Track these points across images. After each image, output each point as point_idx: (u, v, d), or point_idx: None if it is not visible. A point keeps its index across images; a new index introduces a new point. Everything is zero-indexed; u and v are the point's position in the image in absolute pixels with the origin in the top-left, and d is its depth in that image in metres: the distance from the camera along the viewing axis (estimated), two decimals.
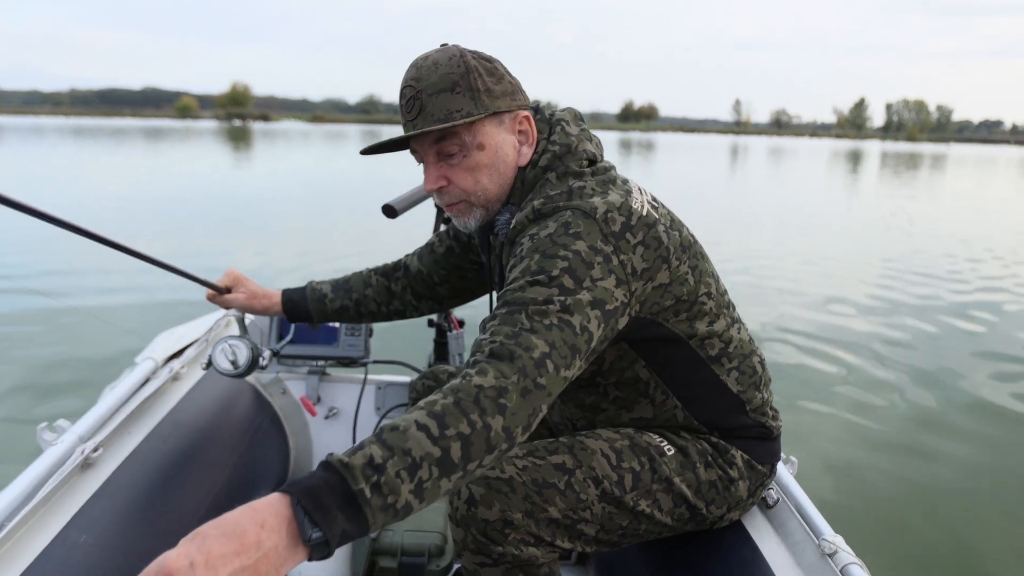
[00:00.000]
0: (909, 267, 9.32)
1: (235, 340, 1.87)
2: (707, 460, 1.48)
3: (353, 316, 1.88)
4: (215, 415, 2.04)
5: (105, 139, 45.84)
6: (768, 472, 1.57)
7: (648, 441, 1.46)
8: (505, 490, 1.32)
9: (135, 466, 1.65)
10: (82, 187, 16.52)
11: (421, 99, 1.34)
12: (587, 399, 1.51)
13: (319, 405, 2.37)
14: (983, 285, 8.35)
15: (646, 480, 1.41)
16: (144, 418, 1.84)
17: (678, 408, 1.48)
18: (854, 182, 26.88)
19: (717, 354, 1.47)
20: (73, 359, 4.93)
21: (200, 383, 2.10)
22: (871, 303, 7.35)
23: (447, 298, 1.86)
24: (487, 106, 1.35)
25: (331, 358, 2.33)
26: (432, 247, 1.83)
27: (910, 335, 6.20)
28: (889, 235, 12.31)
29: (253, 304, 1.87)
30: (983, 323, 6.69)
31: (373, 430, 2.32)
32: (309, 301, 1.86)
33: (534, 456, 1.38)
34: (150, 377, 2.00)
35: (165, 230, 10.51)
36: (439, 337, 2.47)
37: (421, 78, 1.35)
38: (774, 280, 8.16)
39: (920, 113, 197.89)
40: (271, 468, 2.22)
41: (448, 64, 1.34)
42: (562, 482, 1.35)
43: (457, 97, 1.33)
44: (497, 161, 1.39)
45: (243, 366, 1.86)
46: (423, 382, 1.94)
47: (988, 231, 13.30)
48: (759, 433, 1.54)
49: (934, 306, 7.27)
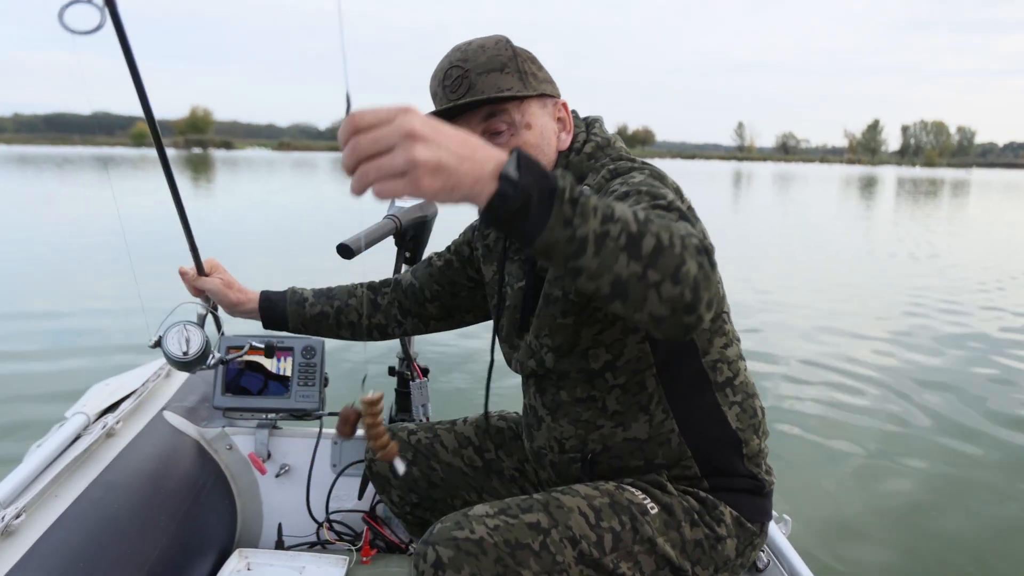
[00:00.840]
0: (923, 306, 9.39)
1: (192, 326, 1.89)
2: (693, 518, 1.50)
3: (331, 325, 1.93)
4: (153, 475, 2.03)
5: (52, 169, 45.82)
6: (758, 531, 1.59)
7: (630, 499, 1.48)
8: (475, 552, 1.34)
9: (62, 533, 1.64)
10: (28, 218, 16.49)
11: (470, 78, 1.48)
12: (584, 414, 1.56)
13: (269, 462, 2.37)
14: (1008, 325, 8.42)
15: (627, 541, 1.43)
16: (73, 479, 1.83)
17: (674, 432, 1.53)
18: (868, 211, 27.14)
19: (723, 382, 1.55)
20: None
21: (137, 440, 2.09)
22: (883, 346, 7.40)
23: (434, 318, 1.93)
24: (535, 88, 1.51)
25: (282, 411, 2.34)
26: (430, 261, 1.93)
27: (924, 382, 6.24)
28: (906, 269, 12.43)
29: (227, 294, 1.90)
30: (1009, 369, 6.71)
31: (328, 488, 2.33)
32: (288, 303, 1.92)
33: (506, 515, 1.40)
34: (81, 433, 2.00)
35: (108, 268, 10.47)
36: (401, 387, 2.48)
37: (469, 59, 1.49)
38: (774, 317, 8.21)
39: (940, 136, 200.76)
40: (216, 533, 2.21)
41: (495, 47, 1.50)
42: (537, 543, 1.37)
43: (506, 77, 1.49)
44: (543, 143, 1.53)
45: (192, 355, 1.88)
46: None
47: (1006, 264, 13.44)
48: (750, 486, 1.57)
49: (953, 347, 7.32)
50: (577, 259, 1.04)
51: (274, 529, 2.36)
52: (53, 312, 7.82)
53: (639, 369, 1.52)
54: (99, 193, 26.47)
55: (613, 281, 1.06)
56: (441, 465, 1.92)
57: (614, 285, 1.06)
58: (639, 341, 1.50)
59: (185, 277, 1.92)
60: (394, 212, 2.24)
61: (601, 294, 1.08)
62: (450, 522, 1.39)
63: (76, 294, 8.83)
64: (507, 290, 1.66)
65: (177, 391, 2.41)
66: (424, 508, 1.96)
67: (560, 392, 1.60)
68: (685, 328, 1.12)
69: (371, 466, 1.98)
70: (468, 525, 1.36)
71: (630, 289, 1.07)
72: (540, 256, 1.05)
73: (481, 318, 1.95)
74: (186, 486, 2.13)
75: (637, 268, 1.05)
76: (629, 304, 1.08)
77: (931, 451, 4.69)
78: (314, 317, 1.93)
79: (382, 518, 2.34)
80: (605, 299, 1.08)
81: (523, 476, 1.87)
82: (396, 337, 1.99)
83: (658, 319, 1.10)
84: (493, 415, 1.95)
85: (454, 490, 1.92)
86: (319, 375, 2.35)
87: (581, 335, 1.52)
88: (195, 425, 2.33)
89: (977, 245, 16.56)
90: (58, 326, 7.25)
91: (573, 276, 1.06)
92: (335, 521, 2.35)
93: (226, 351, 2.34)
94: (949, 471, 4.41)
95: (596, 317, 1.50)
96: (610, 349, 1.51)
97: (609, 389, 1.54)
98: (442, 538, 1.36)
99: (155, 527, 1.91)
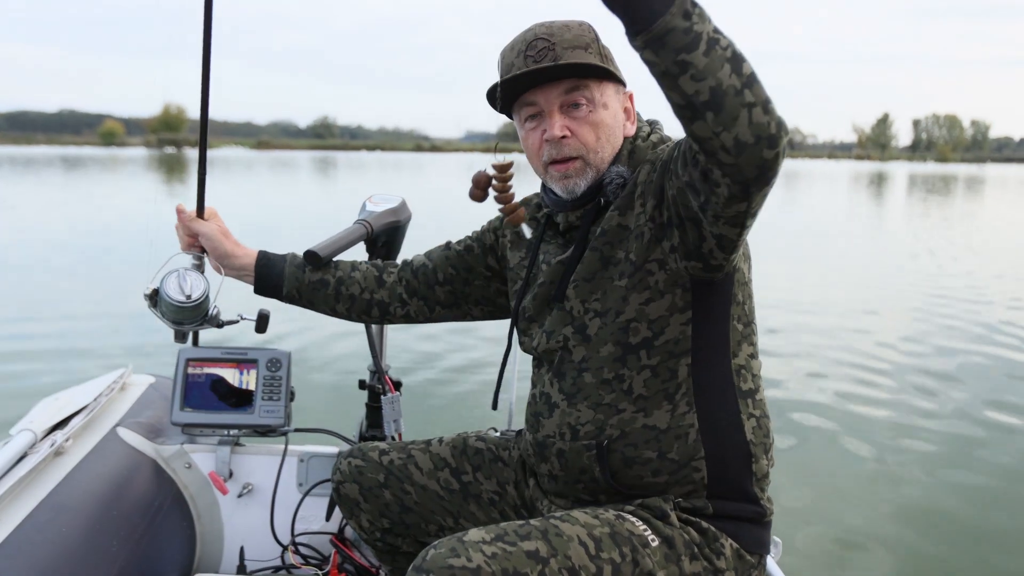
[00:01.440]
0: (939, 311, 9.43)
1: (190, 271, 1.89)
2: (693, 551, 1.55)
3: (329, 296, 1.95)
4: (106, 496, 2.02)
5: (18, 169, 45.74)
6: (756, 563, 1.65)
7: (631, 530, 1.52)
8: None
9: (5, 561, 1.62)
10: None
11: (555, 50, 1.59)
12: (606, 396, 1.62)
13: (231, 481, 2.36)
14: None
15: (627, 573, 1.47)
16: (18, 502, 1.81)
17: (693, 428, 1.60)
18: (879, 209, 27.27)
19: (747, 391, 1.63)
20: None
21: (88, 458, 2.08)
22: (891, 362, 7.42)
23: (441, 304, 1.96)
24: (614, 71, 1.63)
25: (245, 427, 2.33)
26: (448, 244, 1.98)
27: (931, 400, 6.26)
28: (911, 275, 12.48)
29: (223, 241, 1.91)
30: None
31: (294, 510, 2.32)
32: (287, 265, 1.95)
33: (503, 542, 1.42)
34: (27, 452, 1.98)
35: (86, 273, 10.46)
36: (372, 401, 2.47)
37: (555, 33, 1.61)
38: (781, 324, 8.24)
39: (953, 130, 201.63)
40: (173, 557, 2.19)
41: (579, 28, 1.62)
42: (535, 572, 1.39)
43: (590, 55, 1.60)
44: (615, 124, 1.67)
45: (197, 298, 1.87)
46: (348, 461, 1.97)
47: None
48: (752, 514, 1.63)
49: (965, 352, 7.34)
50: (689, 52, 1.21)
51: (235, 553, 2.34)
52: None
53: (674, 354, 1.59)
54: (71, 195, 26.40)
55: (714, 87, 1.23)
56: (415, 488, 1.92)
57: (713, 91, 1.23)
58: (683, 323, 1.59)
59: (181, 216, 1.92)
60: (365, 217, 2.23)
61: (699, 100, 1.24)
62: (444, 548, 1.39)
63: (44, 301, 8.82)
64: (542, 267, 1.75)
65: (132, 406, 2.40)
66: (396, 534, 1.96)
67: (584, 374, 1.64)
68: (762, 164, 1.28)
69: (339, 488, 1.97)
70: (464, 552, 1.38)
71: (727, 102, 1.24)
72: (653, 43, 1.21)
73: (487, 315, 1.98)
74: (141, 508, 2.12)
75: (736, 82, 1.24)
76: (721, 117, 1.24)
77: (936, 466, 4.71)
78: (312, 284, 1.94)
79: (351, 541, 2.32)
80: (700, 107, 1.24)
81: (503, 500, 1.88)
82: (395, 320, 2.00)
83: (741, 144, 1.26)
84: (470, 435, 1.97)
85: (429, 515, 1.92)
86: (285, 389, 2.34)
87: (629, 300, 1.60)
88: (151, 442, 2.32)
89: (988, 248, 16.64)
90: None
91: (679, 72, 1.23)
92: (301, 544, 2.34)
93: (186, 364, 2.33)
94: (951, 495, 4.42)
95: (647, 283, 1.59)
96: (652, 325, 1.59)
97: (640, 369, 1.60)
98: (436, 565, 1.36)
99: (107, 553, 1.90)
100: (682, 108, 1.27)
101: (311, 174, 49.42)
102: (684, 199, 1.47)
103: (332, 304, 1.96)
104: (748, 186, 1.32)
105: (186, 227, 1.92)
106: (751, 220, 1.44)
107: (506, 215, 1.33)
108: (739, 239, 1.47)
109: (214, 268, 1.95)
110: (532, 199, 1.89)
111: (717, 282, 1.58)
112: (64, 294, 9.31)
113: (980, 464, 4.70)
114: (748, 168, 1.28)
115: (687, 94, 1.24)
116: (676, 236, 1.54)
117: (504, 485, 1.88)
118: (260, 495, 2.37)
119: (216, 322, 2.02)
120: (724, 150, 1.27)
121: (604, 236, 1.64)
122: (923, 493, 4.30)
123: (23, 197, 25.65)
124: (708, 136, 1.27)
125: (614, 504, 1.63)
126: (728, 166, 1.29)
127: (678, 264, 1.56)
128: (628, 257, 1.60)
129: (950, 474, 4.55)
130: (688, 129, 1.31)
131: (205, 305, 1.91)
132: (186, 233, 1.93)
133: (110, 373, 2.50)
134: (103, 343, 6.99)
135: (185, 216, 1.92)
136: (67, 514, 1.86)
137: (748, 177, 1.30)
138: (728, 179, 1.31)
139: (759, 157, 1.27)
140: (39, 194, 27.26)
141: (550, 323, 1.70)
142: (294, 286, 1.94)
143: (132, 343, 6.91)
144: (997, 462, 4.70)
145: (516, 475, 1.87)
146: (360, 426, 2.50)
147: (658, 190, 1.57)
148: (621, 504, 1.62)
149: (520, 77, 1.59)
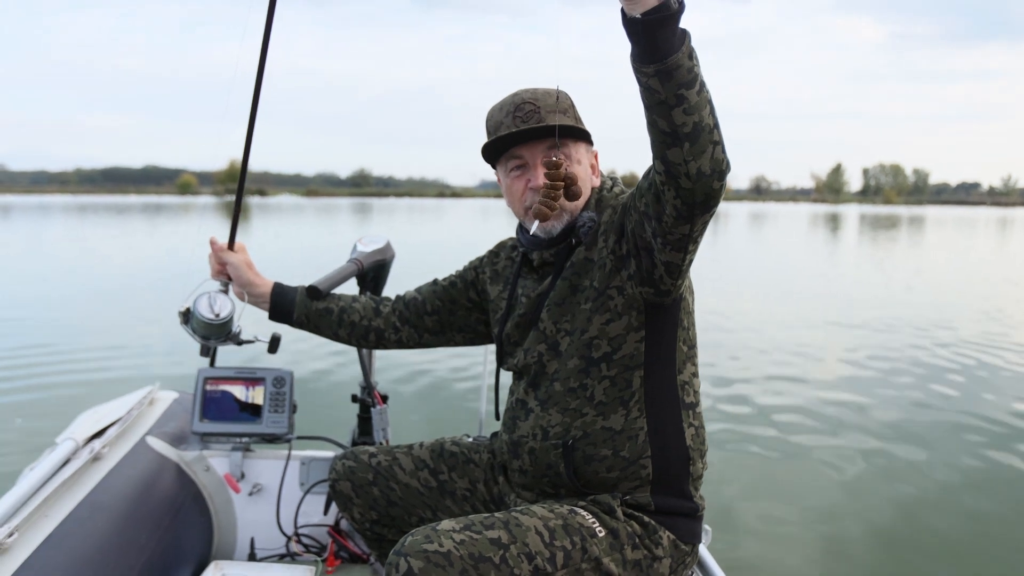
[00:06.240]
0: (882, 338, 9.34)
1: (218, 293, 1.92)
2: (635, 541, 1.58)
3: (333, 323, 1.97)
4: (136, 495, 2.03)
5: (111, 215, 46.15)
6: (690, 551, 1.67)
7: (580, 522, 1.54)
8: (443, 563, 1.38)
9: (51, 551, 1.63)
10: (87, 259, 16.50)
11: (540, 113, 1.64)
12: (572, 402, 1.65)
13: (243, 482, 2.36)
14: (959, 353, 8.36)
15: (576, 559, 1.50)
16: (62, 500, 1.82)
17: (643, 431, 1.62)
18: (833, 243, 27.14)
19: (688, 404, 1.67)
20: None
21: (121, 463, 2.09)
22: (838, 377, 7.36)
23: (429, 331, 1.97)
24: (587, 134, 1.69)
25: (254, 435, 2.33)
26: (436, 280, 1.99)
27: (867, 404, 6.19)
28: (863, 299, 12.39)
29: (247, 272, 1.96)
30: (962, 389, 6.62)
31: (297, 506, 2.33)
32: (297, 295, 1.97)
33: (471, 531, 1.45)
34: (70, 458, 1.99)
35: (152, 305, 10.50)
36: (363, 412, 2.48)
37: (539, 99, 1.66)
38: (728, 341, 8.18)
39: (897, 177, 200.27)
40: (194, 547, 2.19)
41: (560, 95, 1.69)
42: (497, 556, 1.42)
43: (568, 118, 1.66)
44: (586, 178, 1.71)
45: (224, 317, 1.90)
46: (343, 462, 1.98)
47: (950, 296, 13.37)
48: (688, 509, 1.66)
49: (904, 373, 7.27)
50: (687, 88, 1.24)
51: (247, 543, 2.35)
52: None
53: (630, 366, 1.62)
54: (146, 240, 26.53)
55: (697, 122, 1.26)
56: (399, 485, 1.92)
57: (695, 125, 1.27)
58: (637, 340, 1.61)
59: (214, 246, 1.97)
60: (356, 256, 2.26)
61: (683, 130, 1.27)
62: (420, 535, 1.42)
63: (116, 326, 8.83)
64: (521, 299, 1.76)
65: (159, 418, 2.40)
66: (383, 524, 1.96)
67: (554, 383, 1.67)
68: (710, 192, 1.33)
69: (335, 486, 1.98)
70: (437, 539, 1.41)
71: (703, 136, 1.28)
72: (662, 74, 1.23)
73: (468, 341, 1.99)
74: (166, 505, 2.13)
75: (711, 122, 1.28)
76: (694, 148, 1.28)
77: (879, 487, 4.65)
78: (319, 312, 1.97)
79: (346, 532, 2.32)
80: (682, 137, 1.27)
81: (474, 496, 1.89)
82: (390, 346, 2.01)
83: (701, 173, 1.30)
84: (447, 440, 1.97)
85: (411, 508, 1.92)
86: (288, 402, 2.35)
87: (593, 321, 1.62)
88: (175, 449, 2.33)
89: (926, 277, 16.53)
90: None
91: (675, 103, 1.25)
92: (303, 535, 2.34)
93: (204, 381, 2.34)
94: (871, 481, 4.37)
95: (608, 306, 1.61)
96: (611, 342, 1.62)
97: (601, 379, 1.62)
98: (413, 550, 1.40)
99: (138, 543, 1.91)
100: (665, 135, 1.30)
101: (350, 215, 49.58)
102: (640, 230, 1.51)
103: (335, 329, 1.98)
104: (693, 208, 1.36)
105: (217, 256, 1.97)
106: (693, 246, 1.48)
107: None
108: (683, 264, 1.51)
109: (236, 295, 1.98)
110: (507, 242, 1.92)
111: (666, 307, 1.61)
112: (108, 320, 9.34)
113: (898, 472, 4.64)
114: (699, 194, 1.33)
115: (675, 124, 1.27)
116: (632, 265, 1.57)
117: (475, 483, 1.88)
118: (268, 493, 2.37)
119: (237, 340, 2.05)
120: (687, 176, 1.31)
121: (572, 268, 1.66)
122: (841, 493, 4.24)
123: (108, 240, 25.79)
124: (679, 162, 1.31)
125: (569, 500, 1.64)
126: (684, 190, 1.34)
127: (634, 290, 1.59)
128: (592, 284, 1.63)
129: (869, 481, 4.48)
130: (662, 153, 1.33)
131: (230, 324, 1.94)
132: (217, 261, 1.98)
133: (140, 390, 2.51)
134: (136, 363, 6.99)
135: (217, 247, 1.97)
136: (104, 511, 1.87)
137: (696, 201, 1.35)
138: (679, 200, 1.36)
139: (709, 186, 1.33)
140: (124, 235, 27.43)
141: (528, 342, 1.72)
142: (303, 313, 1.97)
143: (160, 363, 6.93)
144: (919, 470, 4.61)
145: (486, 474, 1.88)
146: (353, 433, 2.50)
147: (619, 227, 1.60)
148: (575, 500, 1.64)
149: (515, 135, 1.63)
